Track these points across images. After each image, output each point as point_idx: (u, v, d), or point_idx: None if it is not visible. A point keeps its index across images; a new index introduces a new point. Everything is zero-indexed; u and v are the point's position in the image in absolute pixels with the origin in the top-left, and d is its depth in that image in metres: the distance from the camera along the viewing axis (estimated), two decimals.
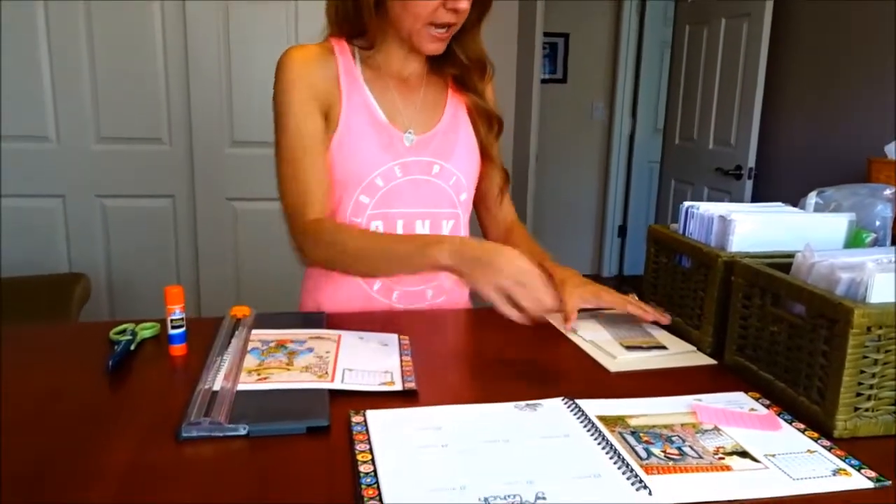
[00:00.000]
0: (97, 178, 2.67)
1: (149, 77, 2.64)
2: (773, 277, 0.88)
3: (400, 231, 1.18)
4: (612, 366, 0.96)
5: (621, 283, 5.11)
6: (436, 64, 1.20)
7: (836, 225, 1.04)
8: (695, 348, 1.05)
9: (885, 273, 0.78)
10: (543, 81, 4.55)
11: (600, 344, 1.05)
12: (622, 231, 5.16)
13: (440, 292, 1.23)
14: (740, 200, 3.24)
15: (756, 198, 3.23)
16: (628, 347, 1.03)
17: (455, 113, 1.22)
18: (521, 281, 0.89)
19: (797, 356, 0.85)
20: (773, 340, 0.89)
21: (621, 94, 4.93)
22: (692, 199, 3.73)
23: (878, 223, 1.05)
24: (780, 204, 1.16)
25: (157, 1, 2.59)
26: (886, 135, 2.42)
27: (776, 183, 3.23)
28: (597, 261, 5.24)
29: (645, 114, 4.96)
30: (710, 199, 3.50)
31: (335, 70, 1.13)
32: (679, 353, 1.03)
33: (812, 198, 1.10)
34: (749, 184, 3.22)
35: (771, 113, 3.20)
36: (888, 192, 1.05)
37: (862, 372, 0.78)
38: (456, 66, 1.19)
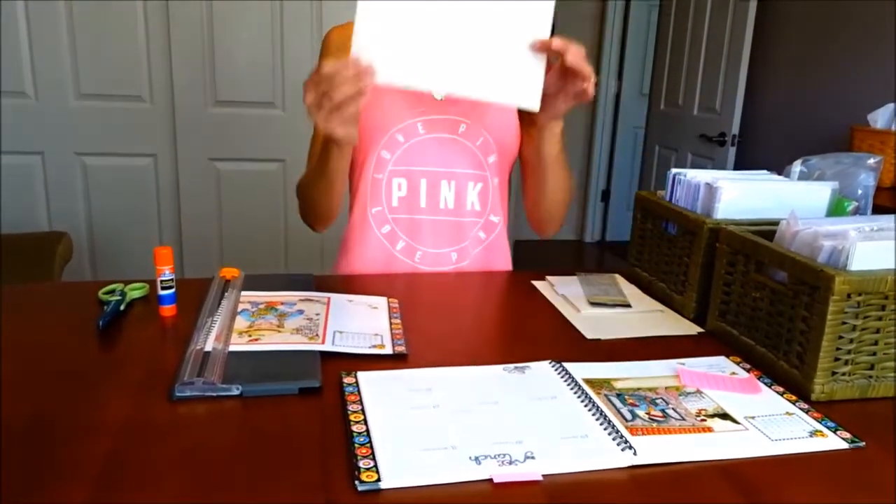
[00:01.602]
0: (77, 135, 2.63)
1: (129, 32, 2.58)
2: (757, 244, 0.90)
3: (423, 191, 1.20)
4: (589, 333, 0.97)
5: (603, 250, 5.15)
6: None
7: (820, 193, 1.06)
8: (663, 307, 1.08)
9: (867, 241, 0.80)
10: None
11: (570, 298, 1.09)
12: (605, 196, 5.18)
13: (464, 255, 1.24)
14: (723, 167, 3.26)
15: (739, 165, 3.26)
16: (593, 304, 1.07)
17: None
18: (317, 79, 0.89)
19: (778, 322, 0.87)
20: (755, 306, 0.91)
21: (607, 56, 4.91)
22: (676, 166, 3.74)
23: (860, 192, 1.06)
24: (765, 171, 1.17)
25: None
26: (870, 103, 2.44)
27: (759, 150, 3.25)
28: (579, 226, 5.27)
29: (631, 77, 4.94)
30: (693, 166, 3.53)
31: None
32: (644, 312, 1.06)
33: (797, 166, 1.12)
34: (732, 151, 3.24)
35: (756, 79, 3.21)
36: (872, 161, 1.07)
37: (840, 337, 0.80)
38: None
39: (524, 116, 1.22)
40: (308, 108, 0.91)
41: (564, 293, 1.11)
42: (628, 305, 1.08)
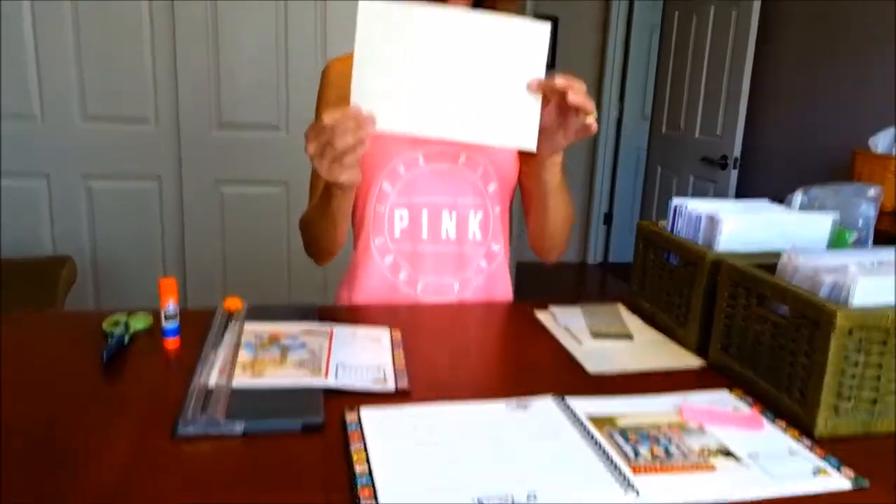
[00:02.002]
0: (82, 157, 2.65)
1: (135, 55, 2.61)
2: (758, 278, 0.90)
3: (425, 222, 1.21)
4: (591, 367, 0.97)
5: (606, 272, 5.15)
6: None
7: (821, 224, 1.06)
8: (665, 339, 1.09)
9: (868, 277, 0.80)
10: None
11: (572, 330, 1.09)
12: (608, 218, 5.19)
13: (466, 285, 1.25)
14: (725, 190, 3.27)
15: (741, 188, 3.27)
16: (595, 335, 1.07)
17: None
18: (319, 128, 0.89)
19: (780, 356, 0.87)
20: (757, 340, 0.91)
21: (609, 79, 4.94)
22: (678, 189, 3.74)
23: (861, 222, 1.07)
24: (765, 201, 1.18)
25: None
26: (872, 126, 2.45)
27: (762, 172, 3.26)
28: (582, 248, 5.27)
29: (632, 100, 4.97)
30: (695, 189, 3.54)
31: None
32: (647, 344, 1.07)
33: (798, 196, 1.12)
34: (734, 174, 3.25)
35: (758, 102, 3.23)
36: (872, 191, 1.07)
37: (843, 373, 0.80)
38: None
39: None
40: (310, 157, 0.92)
41: (567, 324, 1.11)
42: (630, 337, 1.08)
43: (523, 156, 1.24)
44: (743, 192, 3.28)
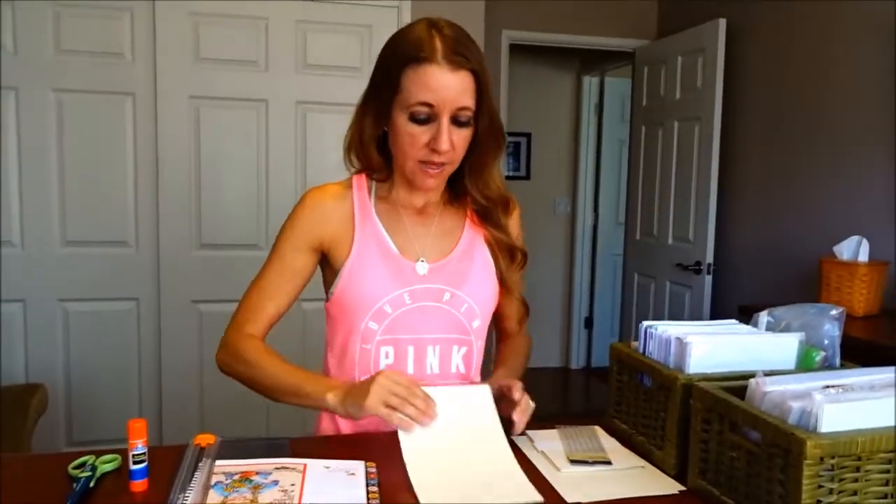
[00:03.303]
0: (60, 281, 2.65)
1: (118, 180, 2.67)
2: (729, 404, 0.91)
3: (411, 358, 1.21)
4: (569, 496, 0.96)
5: (589, 376, 5.12)
6: (454, 194, 1.25)
7: (788, 345, 1.08)
8: (644, 463, 1.07)
9: (833, 403, 0.81)
10: (508, 178, 4.71)
11: (549, 455, 1.08)
12: (588, 322, 5.22)
13: None
14: (700, 295, 3.32)
15: (716, 292, 3.32)
16: (573, 461, 1.06)
17: (472, 239, 1.25)
18: (396, 386, 1.05)
19: (756, 483, 0.87)
20: (732, 465, 0.91)
21: (583, 189, 5.10)
22: (655, 294, 3.79)
23: (826, 342, 1.09)
24: (734, 321, 1.20)
25: (129, 100, 2.64)
26: (836, 231, 2.53)
27: (736, 278, 3.33)
28: (565, 353, 5.26)
29: (606, 208, 5.11)
30: (672, 293, 3.59)
31: (350, 208, 1.20)
32: (625, 469, 1.05)
33: (763, 316, 1.15)
34: (709, 279, 3.31)
35: (726, 210, 3.33)
36: (835, 312, 1.10)
37: (819, 502, 0.79)
38: (476, 202, 1.24)
39: (503, 281, 1.27)
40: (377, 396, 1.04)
41: (544, 449, 1.10)
42: (609, 462, 1.06)
43: (501, 290, 1.28)
44: (718, 296, 3.33)
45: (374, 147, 1.17)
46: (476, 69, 1.09)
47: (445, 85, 1.07)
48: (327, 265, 1.23)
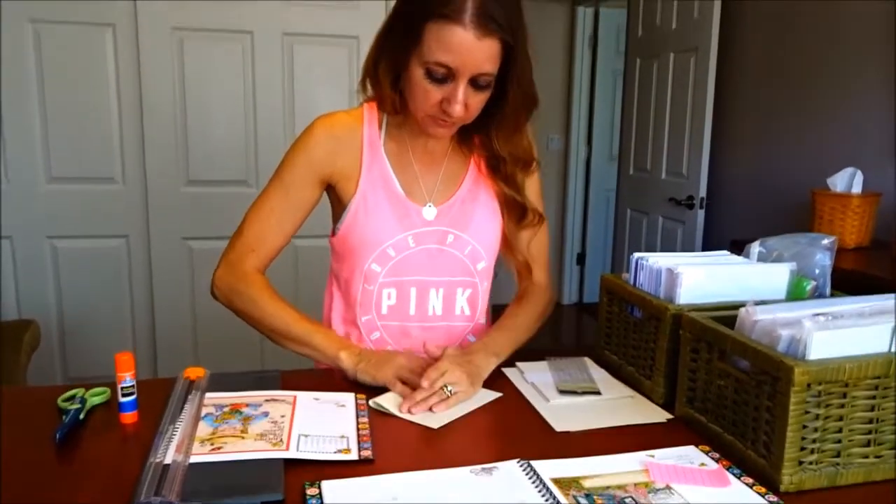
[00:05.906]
0: (47, 218, 2.62)
1: (101, 115, 2.60)
2: (718, 333, 0.91)
3: (413, 299, 1.20)
4: (558, 425, 0.97)
5: (581, 311, 5.17)
6: (462, 138, 1.20)
7: (779, 274, 1.08)
8: (633, 393, 1.08)
9: (823, 331, 0.81)
10: None
11: (539, 386, 1.09)
12: (581, 259, 5.23)
13: None
14: (693, 230, 3.32)
15: (708, 227, 3.32)
16: (562, 392, 1.07)
17: (475, 181, 1.22)
18: (411, 367, 1.06)
19: (744, 410, 0.87)
20: (720, 394, 0.92)
21: (576, 124, 5.03)
22: (647, 229, 3.78)
23: (817, 271, 1.09)
24: (725, 252, 1.19)
25: (109, 31, 2.56)
26: (830, 165, 2.51)
27: (728, 212, 3.32)
28: (557, 289, 5.29)
29: (600, 143, 5.06)
30: (664, 229, 3.58)
31: (359, 142, 1.16)
32: (614, 399, 1.06)
33: (755, 247, 1.14)
34: (701, 213, 3.30)
35: (721, 144, 3.30)
36: (826, 241, 1.09)
37: (805, 427, 0.80)
38: (497, 157, 1.17)
39: (508, 222, 1.24)
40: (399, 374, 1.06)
41: (534, 381, 1.11)
42: (598, 392, 1.07)
43: (505, 231, 1.25)
44: (711, 231, 3.33)
45: (388, 84, 1.09)
46: (506, 38, 0.99)
47: (468, 49, 0.97)
48: (335, 198, 1.20)
